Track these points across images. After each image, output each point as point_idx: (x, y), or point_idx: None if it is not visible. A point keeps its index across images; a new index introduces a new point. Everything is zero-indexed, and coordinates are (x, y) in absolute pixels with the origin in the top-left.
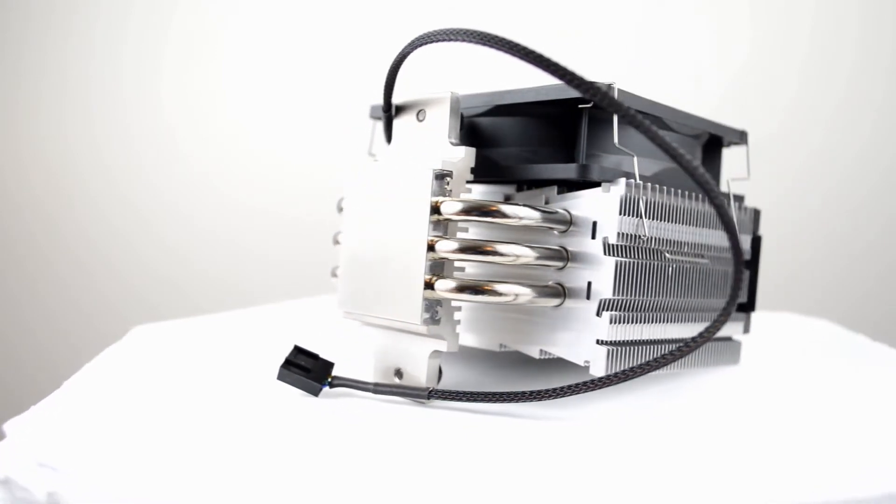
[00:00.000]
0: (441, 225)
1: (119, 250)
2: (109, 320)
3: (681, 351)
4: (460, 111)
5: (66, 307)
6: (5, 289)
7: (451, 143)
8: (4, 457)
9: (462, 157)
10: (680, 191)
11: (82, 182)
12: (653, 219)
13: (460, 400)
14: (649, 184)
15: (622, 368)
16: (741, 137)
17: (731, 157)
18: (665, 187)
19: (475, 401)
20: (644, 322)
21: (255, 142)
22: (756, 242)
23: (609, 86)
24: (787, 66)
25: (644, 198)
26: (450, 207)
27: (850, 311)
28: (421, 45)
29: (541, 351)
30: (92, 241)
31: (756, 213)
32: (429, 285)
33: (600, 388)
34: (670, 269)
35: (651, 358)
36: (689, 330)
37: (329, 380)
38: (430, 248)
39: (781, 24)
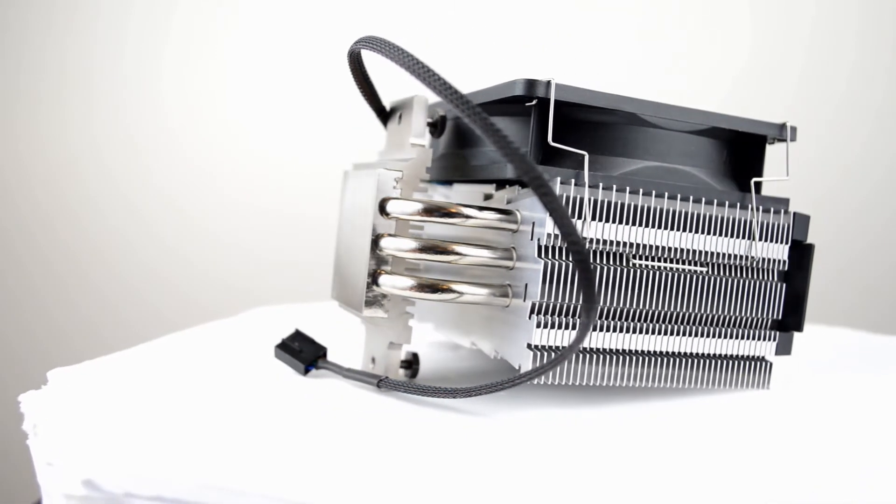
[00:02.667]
0: (390, 223)
1: (120, 251)
2: (110, 322)
3: (540, 368)
4: (432, 113)
5: (66, 309)
6: (5, 289)
7: (411, 144)
8: (36, 402)
9: (413, 158)
10: (665, 192)
11: (83, 182)
12: (608, 221)
13: (404, 391)
14: (601, 183)
15: (557, 375)
16: (780, 132)
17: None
18: (629, 187)
19: (416, 394)
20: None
21: (260, 141)
22: (801, 252)
23: (547, 82)
24: (797, 61)
25: (593, 198)
26: (395, 207)
27: None
28: (356, 53)
29: (495, 351)
30: (92, 242)
31: (800, 219)
32: (375, 280)
33: (475, 395)
34: (632, 274)
35: (595, 368)
36: (678, 343)
37: (315, 362)
38: (376, 244)
39: (782, 23)
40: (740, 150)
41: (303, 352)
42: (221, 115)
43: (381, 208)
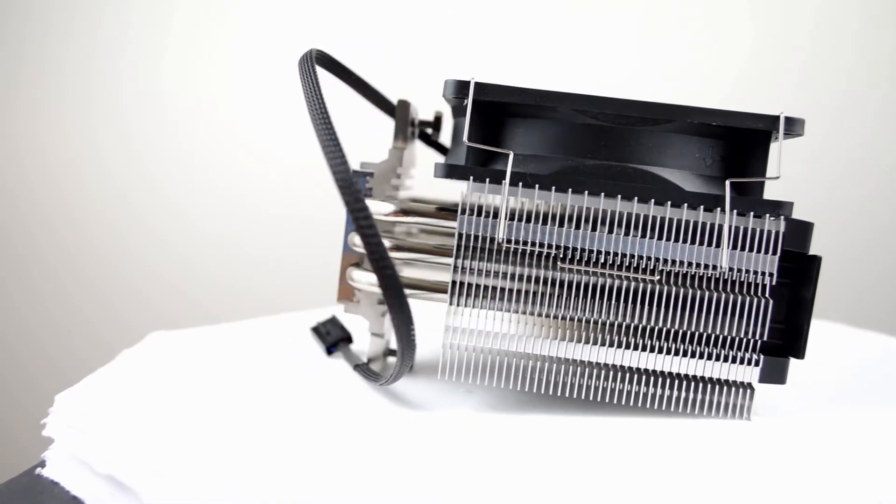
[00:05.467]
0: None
1: (120, 251)
2: (110, 322)
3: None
4: (414, 116)
5: (66, 308)
6: (5, 290)
7: (393, 147)
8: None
9: (384, 159)
10: (601, 192)
11: (83, 182)
12: (529, 221)
13: (362, 376)
14: (520, 183)
15: (463, 372)
16: (772, 124)
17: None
18: (555, 187)
19: (365, 378)
20: (504, 332)
21: (261, 141)
22: (802, 265)
23: (467, 82)
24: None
25: (512, 197)
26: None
27: None
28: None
29: None
30: (92, 242)
31: (797, 227)
32: (348, 274)
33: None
34: (557, 277)
35: (501, 371)
36: (625, 357)
37: (337, 345)
38: (348, 240)
39: (782, 22)
40: (738, 148)
41: (329, 335)
42: (222, 115)
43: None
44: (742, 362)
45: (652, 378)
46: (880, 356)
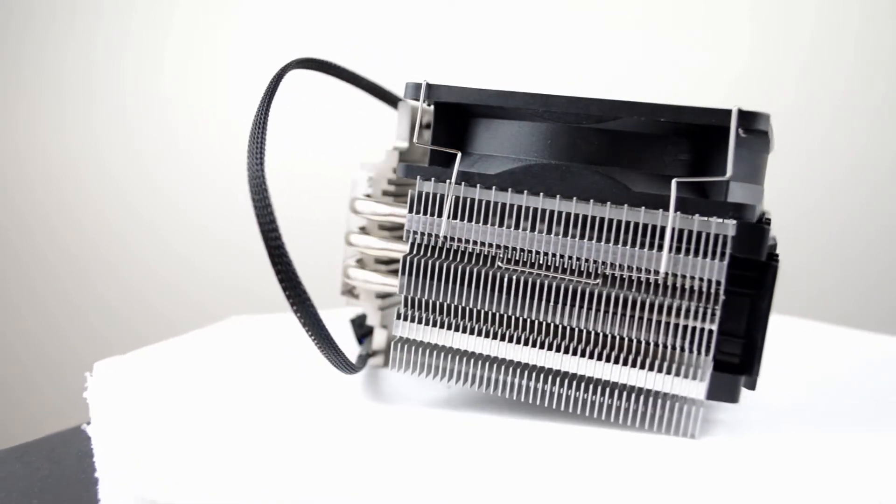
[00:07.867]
0: (361, 220)
1: (120, 251)
2: (109, 322)
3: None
4: (414, 117)
5: (65, 308)
6: (5, 290)
7: (393, 147)
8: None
9: (382, 160)
10: (540, 191)
11: (83, 182)
12: (471, 220)
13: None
14: (463, 182)
15: (411, 366)
16: (726, 119)
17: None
18: (496, 186)
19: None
20: (446, 328)
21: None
22: (755, 272)
23: (419, 84)
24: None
25: (455, 195)
26: (361, 206)
27: None
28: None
29: None
30: (92, 242)
31: (748, 231)
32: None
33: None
34: (497, 276)
35: (451, 371)
36: (563, 362)
37: (366, 335)
38: (349, 239)
39: (781, 24)
40: (703, 147)
41: (361, 326)
42: (222, 115)
43: (352, 206)
44: (683, 375)
45: (591, 385)
46: (870, 361)
